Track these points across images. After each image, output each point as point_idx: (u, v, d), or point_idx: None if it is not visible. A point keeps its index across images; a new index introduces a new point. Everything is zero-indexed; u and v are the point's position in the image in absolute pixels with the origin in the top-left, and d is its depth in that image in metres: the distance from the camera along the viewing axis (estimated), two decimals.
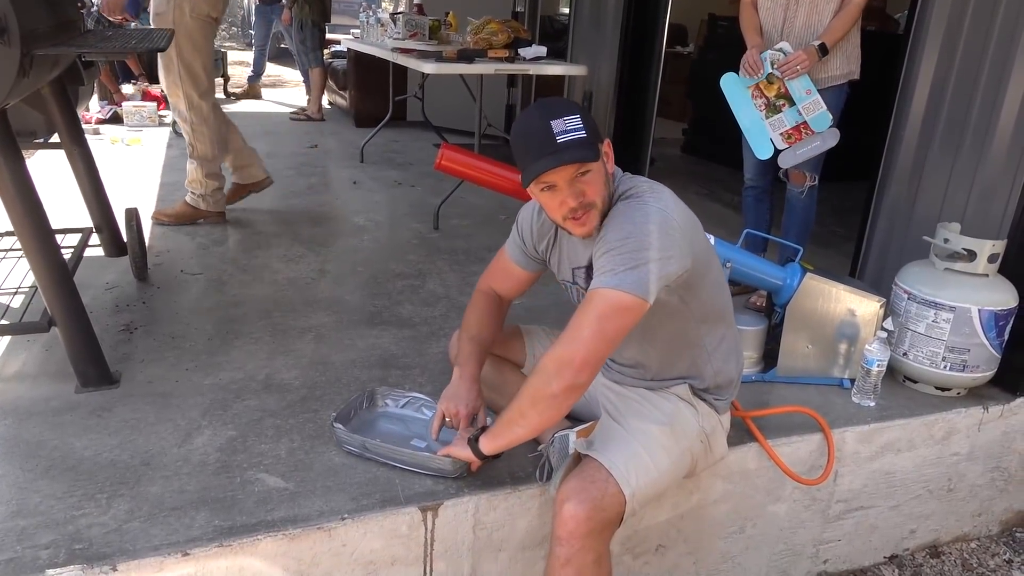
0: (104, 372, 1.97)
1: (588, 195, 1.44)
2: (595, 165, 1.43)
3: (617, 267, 1.38)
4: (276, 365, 2.14)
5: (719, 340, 1.65)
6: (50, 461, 1.64)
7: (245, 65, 9.82)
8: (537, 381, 1.41)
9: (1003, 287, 2.14)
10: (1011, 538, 2.39)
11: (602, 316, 1.37)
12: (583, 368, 1.37)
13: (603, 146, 1.47)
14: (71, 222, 2.68)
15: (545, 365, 1.40)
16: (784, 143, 2.59)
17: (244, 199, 3.57)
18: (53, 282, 1.90)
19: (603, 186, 1.46)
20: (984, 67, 2.31)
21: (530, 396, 1.43)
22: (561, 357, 1.38)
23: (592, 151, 1.42)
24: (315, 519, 1.51)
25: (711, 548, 1.96)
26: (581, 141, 1.40)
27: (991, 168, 2.30)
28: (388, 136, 5.48)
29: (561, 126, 1.40)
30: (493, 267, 1.83)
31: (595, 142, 1.43)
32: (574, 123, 1.40)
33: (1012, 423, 2.24)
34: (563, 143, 1.39)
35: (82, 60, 2.42)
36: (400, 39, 4.44)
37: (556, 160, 1.39)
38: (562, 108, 1.42)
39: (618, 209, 1.48)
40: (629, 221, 1.42)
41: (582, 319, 1.38)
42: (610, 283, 1.38)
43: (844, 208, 3.85)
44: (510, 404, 1.48)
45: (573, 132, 1.40)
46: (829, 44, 2.48)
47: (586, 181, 1.43)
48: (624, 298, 1.37)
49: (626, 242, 1.39)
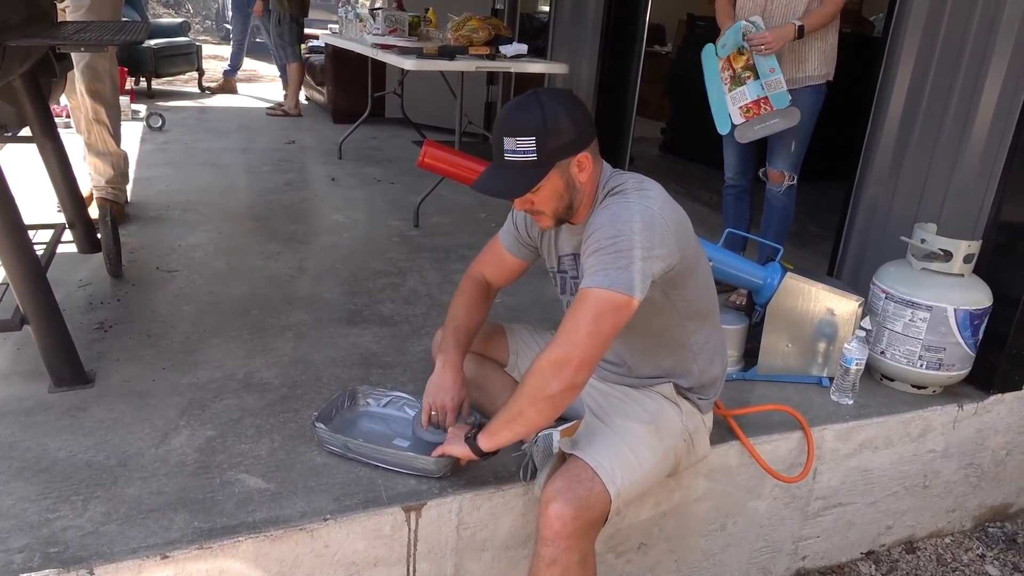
0: (78, 371, 1.93)
1: (536, 205, 1.50)
2: (543, 184, 1.45)
3: (607, 266, 1.39)
4: (255, 364, 2.11)
5: (704, 339, 1.65)
6: (23, 462, 1.60)
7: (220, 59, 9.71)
8: (536, 382, 1.41)
9: (978, 287, 2.17)
10: (984, 533, 2.43)
11: (597, 316, 1.38)
12: (581, 368, 1.39)
13: (573, 159, 1.46)
14: (43, 217, 2.62)
15: (542, 366, 1.40)
16: (742, 117, 2.60)
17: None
18: (25, 279, 1.85)
19: (557, 199, 1.49)
20: (960, 69, 2.35)
21: (529, 396, 1.43)
22: (559, 358, 1.38)
23: (531, 177, 1.44)
24: (297, 520, 1.49)
25: (692, 546, 1.97)
26: (525, 164, 1.43)
27: (967, 169, 2.34)
28: (366, 132, 5.44)
29: (511, 145, 1.43)
30: (485, 253, 1.83)
31: (547, 163, 1.44)
32: (526, 145, 1.42)
33: (986, 420, 2.28)
34: (507, 162, 1.45)
35: (55, 52, 2.37)
36: (380, 35, 4.41)
37: (484, 187, 1.48)
38: (526, 124, 1.42)
39: (605, 206, 1.48)
40: (617, 219, 1.42)
41: (577, 320, 1.38)
42: (601, 283, 1.38)
43: (820, 207, 3.89)
44: (507, 403, 1.47)
45: (521, 154, 1.43)
46: (807, 29, 2.50)
47: (536, 196, 1.48)
48: (616, 297, 1.37)
49: (615, 241, 1.40)
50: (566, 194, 1.49)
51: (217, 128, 5.54)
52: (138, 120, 5.41)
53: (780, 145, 2.69)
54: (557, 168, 1.45)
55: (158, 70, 6.87)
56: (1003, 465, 2.40)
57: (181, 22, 7.97)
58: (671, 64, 6.51)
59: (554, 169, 1.45)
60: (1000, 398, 2.28)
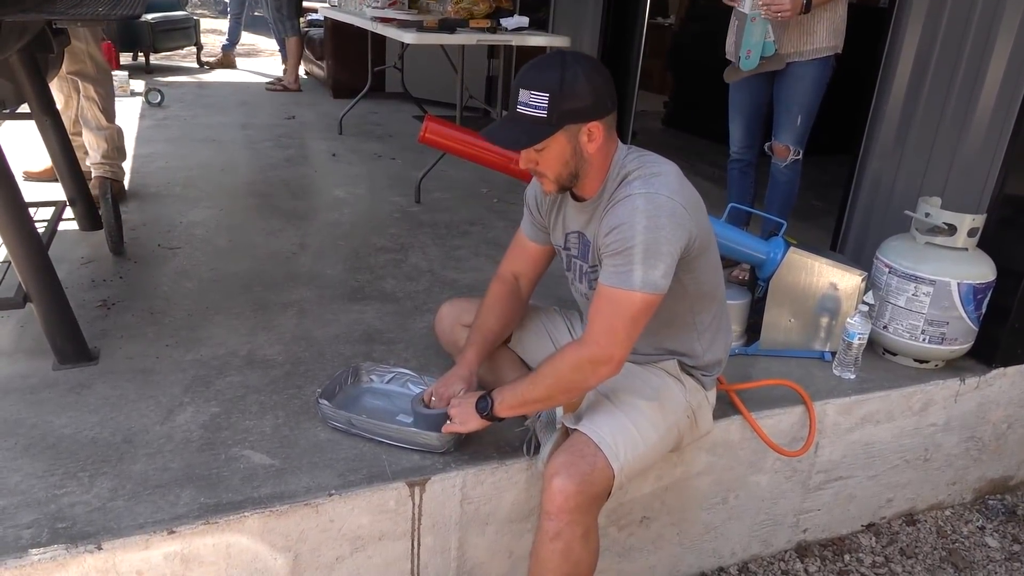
0: (82, 348, 1.93)
1: (539, 166, 1.50)
2: (548, 143, 1.45)
3: (638, 265, 1.41)
4: (258, 341, 2.11)
5: (711, 318, 1.66)
6: (29, 439, 1.62)
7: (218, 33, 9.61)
8: (575, 376, 1.46)
9: (982, 261, 2.17)
10: (984, 506, 2.45)
11: (634, 319, 1.43)
12: (619, 366, 1.45)
13: (584, 127, 1.45)
14: (44, 195, 2.62)
15: (581, 362, 1.45)
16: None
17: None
18: (27, 257, 1.85)
19: (561, 164, 1.49)
20: (967, 42, 2.32)
21: (564, 388, 1.49)
22: (599, 357, 1.44)
23: (537, 133, 1.43)
24: (302, 495, 1.50)
25: (694, 519, 1.99)
26: (535, 120, 1.42)
27: (972, 143, 2.32)
28: (367, 107, 5.40)
29: (525, 97, 1.43)
30: (510, 248, 1.84)
31: (556, 124, 1.43)
32: (539, 100, 1.42)
33: (987, 394, 2.29)
34: (518, 114, 1.45)
35: (52, 27, 2.34)
36: (379, 8, 4.36)
37: (488, 134, 1.50)
38: (544, 80, 1.42)
39: (626, 197, 1.46)
40: (642, 216, 1.42)
41: (615, 321, 1.43)
42: (635, 284, 1.41)
43: (823, 182, 3.87)
44: (533, 382, 1.51)
45: (533, 108, 1.42)
46: (814, 2, 2.46)
47: (540, 156, 1.48)
48: (649, 298, 1.42)
49: (643, 239, 1.41)
50: (571, 160, 1.48)
51: (216, 104, 5.49)
52: (136, 95, 5.36)
53: (786, 119, 2.66)
54: (565, 131, 1.45)
55: (156, 45, 6.80)
56: (1004, 438, 2.41)
57: None
58: (673, 37, 6.44)
59: (562, 131, 1.44)
60: (1002, 372, 2.29)
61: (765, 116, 2.79)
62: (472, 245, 3.01)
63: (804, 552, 2.19)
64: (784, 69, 2.63)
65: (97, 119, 3.09)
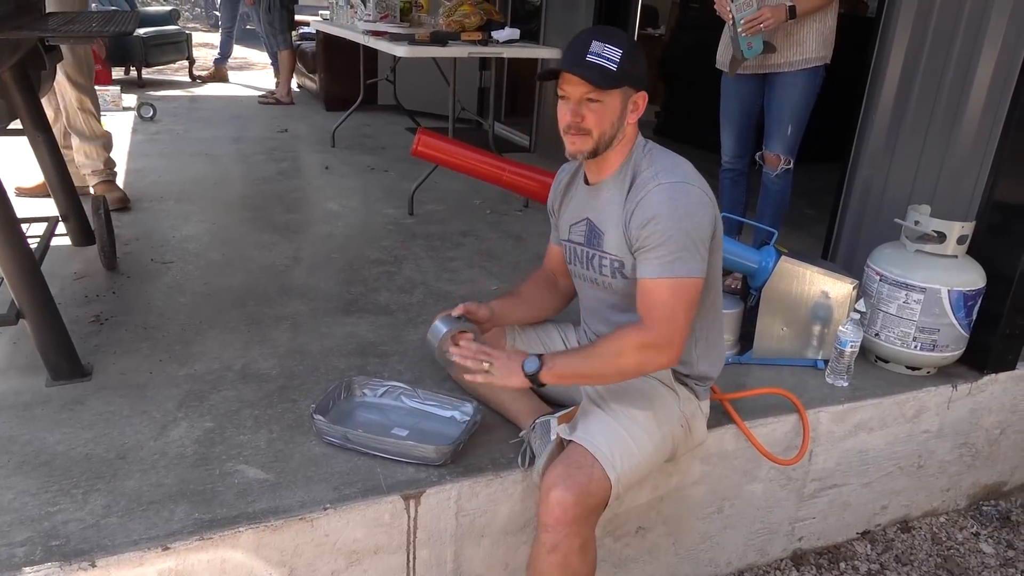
0: (75, 364, 1.93)
1: (586, 121, 1.50)
2: (609, 98, 1.49)
3: (683, 253, 1.46)
4: (252, 355, 2.11)
5: (708, 326, 1.67)
6: (22, 456, 1.61)
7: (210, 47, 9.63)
8: (636, 360, 1.50)
9: (972, 268, 2.18)
10: (978, 512, 2.46)
11: (688, 305, 1.50)
12: (680, 350, 1.51)
13: (635, 94, 1.52)
14: (36, 211, 2.61)
15: (643, 347, 1.49)
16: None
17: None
18: (20, 273, 1.85)
19: (608, 124, 1.51)
20: (954, 50, 2.34)
21: (620, 369, 1.53)
22: (662, 343, 1.49)
23: (608, 81, 1.46)
24: (297, 510, 1.50)
25: (690, 528, 1.99)
26: (604, 70, 1.45)
27: (960, 150, 2.34)
28: (359, 120, 5.42)
29: (599, 48, 1.46)
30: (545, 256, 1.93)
31: (622, 80, 1.47)
32: (612, 54, 1.46)
33: (979, 400, 2.30)
34: (588, 62, 1.45)
35: (44, 44, 2.35)
36: (371, 21, 4.38)
37: (567, 65, 1.47)
38: (615, 39, 1.47)
39: (658, 186, 1.50)
40: (679, 204, 1.48)
41: (674, 309, 1.48)
42: (684, 271, 1.47)
43: (814, 190, 3.88)
44: (587, 358, 1.55)
45: (605, 60, 1.45)
46: (799, 10, 2.49)
47: (592, 109, 1.49)
48: (697, 283, 1.49)
49: (684, 224, 1.46)
50: (617, 123, 1.52)
51: (209, 117, 5.50)
52: (128, 109, 5.36)
53: (777, 128, 2.69)
54: (623, 92, 1.50)
55: (148, 59, 6.81)
56: (997, 444, 2.42)
57: (170, 10, 7.89)
58: (664, 47, 6.48)
59: (620, 91, 1.49)
60: (994, 378, 2.30)
61: (756, 125, 2.82)
62: (466, 257, 3.02)
63: (800, 560, 2.19)
64: (775, 79, 2.65)
65: (92, 129, 3.13)
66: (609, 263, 1.61)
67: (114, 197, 3.18)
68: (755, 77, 2.71)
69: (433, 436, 1.73)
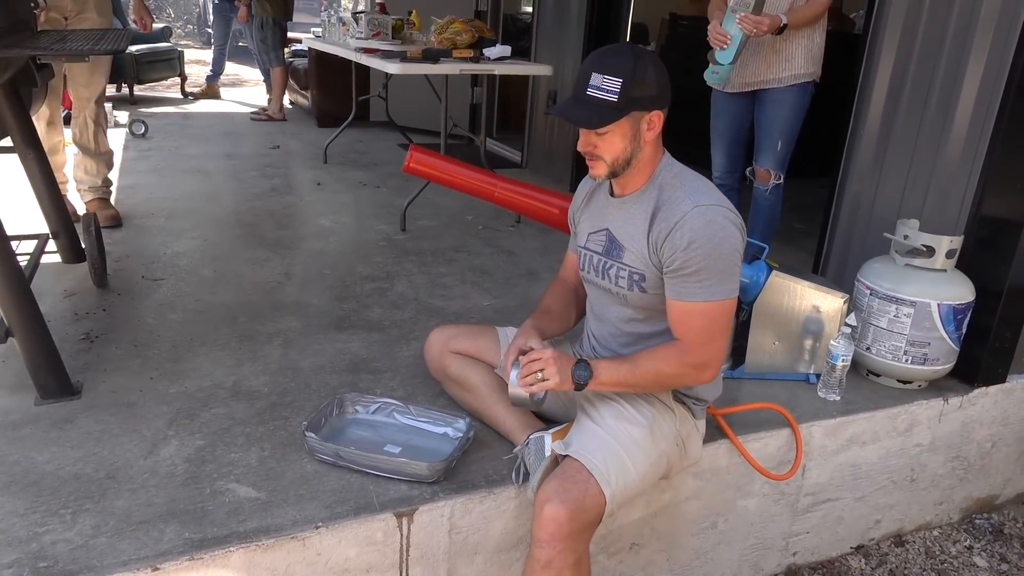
0: (65, 383, 1.91)
1: (597, 149, 1.54)
2: (614, 127, 1.49)
3: (721, 275, 1.51)
4: (244, 372, 2.10)
5: None
6: (10, 477, 1.59)
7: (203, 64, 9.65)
8: (678, 376, 1.58)
9: (961, 282, 2.20)
10: (971, 525, 2.46)
11: (727, 323, 1.58)
12: (719, 367, 1.62)
13: (648, 115, 1.52)
14: (26, 228, 2.60)
15: (685, 367, 1.56)
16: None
17: None
18: (9, 290, 1.84)
19: (620, 149, 1.53)
20: (940, 66, 2.37)
21: (664, 384, 1.62)
22: (703, 363, 1.57)
23: (610, 115, 1.48)
24: (288, 529, 1.49)
25: (684, 544, 1.98)
26: (604, 104, 1.47)
27: (947, 165, 2.36)
28: (352, 136, 5.43)
29: (598, 81, 1.48)
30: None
31: (627, 108, 1.48)
32: (612, 85, 1.47)
33: (970, 413, 2.31)
34: (588, 98, 1.49)
35: (36, 62, 2.35)
36: (363, 38, 4.40)
37: (563, 111, 1.52)
38: (618, 67, 1.47)
39: (695, 208, 1.51)
40: (716, 229, 1.50)
41: (712, 331, 1.54)
42: (722, 295, 1.52)
43: (805, 204, 3.91)
44: (633, 370, 1.55)
45: (605, 92, 1.47)
46: (790, 26, 2.52)
47: (602, 137, 1.52)
48: (735, 302, 1.56)
49: (722, 249, 1.50)
50: (630, 146, 1.53)
51: (201, 134, 5.50)
52: (120, 127, 5.36)
53: (767, 144, 2.71)
54: (631, 118, 1.51)
55: (140, 76, 6.82)
56: (989, 457, 2.43)
57: (162, 27, 7.91)
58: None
59: (628, 117, 1.50)
60: (984, 391, 2.31)
61: (746, 141, 2.84)
62: (458, 272, 3.02)
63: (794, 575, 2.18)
64: (764, 95, 2.68)
65: (99, 144, 3.18)
66: (628, 275, 1.61)
67: (106, 215, 3.19)
68: (745, 94, 2.73)
69: (426, 453, 1.73)
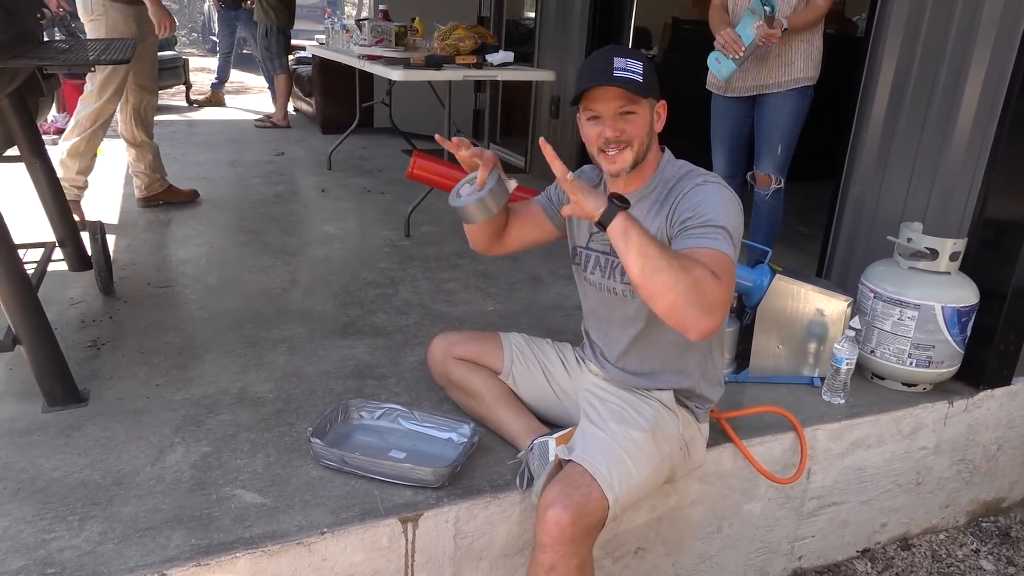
0: (72, 390, 1.92)
1: (627, 132, 1.51)
2: (641, 108, 1.51)
3: (727, 236, 1.45)
4: (249, 378, 2.11)
5: (711, 349, 1.68)
6: (18, 483, 1.60)
7: (207, 72, 9.70)
8: (698, 280, 1.34)
9: (965, 284, 2.20)
10: (978, 528, 2.45)
11: (732, 281, 1.44)
12: (723, 318, 1.40)
13: (658, 104, 1.55)
14: (33, 236, 2.62)
15: (709, 279, 1.35)
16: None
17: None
18: (16, 299, 1.85)
19: (645, 134, 1.54)
20: (942, 68, 2.37)
21: (675, 279, 1.33)
22: (719, 295, 1.36)
23: (642, 90, 1.49)
24: (294, 534, 1.50)
25: (689, 549, 1.98)
26: (635, 82, 1.47)
27: (950, 168, 2.36)
28: (355, 143, 5.45)
29: (622, 63, 1.48)
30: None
31: (650, 91, 1.50)
32: (636, 67, 1.49)
33: (976, 416, 2.30)
34: (617, 77, 1.47)
35: (42, 72, 2.37)
36: (366, 45, 4.42)
37: (603, 79, 1.47)
38: (634, 54, 1.51)
39: (704, 183, 1.53)
40: (723, 198, 1.50)
41: (723, 276, 1.40)
42: (726, 250, 1.43)
43: (808, 208, 3.91)
44: (661, 252, 1.34)
45: (632, 72, 1.48)
46: (791, 29, 2.52)
47: (629, 120, 1.51)
48: (735, 268, 1.46)
49: (727, 212, 1.48)
50: (650, 132, 1.56)
51: (206, 141, 5.53)
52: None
53: (767, 148, 2.71)
54: (650, 103, 1.53)
55: None
56: (994, 460, 2.42)
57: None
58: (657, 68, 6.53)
59: (647, 101, 1.52)
60: (989, 394, 2.30)
61: (747, 146, 2.84)
62: (462, 278, 3.03)
63: None
64: (764, 99, 2.68)
65: (133, 135, 3.51)
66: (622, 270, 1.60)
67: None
68: (745, 98, 2.74)
69: (431, 458, 1.73)
